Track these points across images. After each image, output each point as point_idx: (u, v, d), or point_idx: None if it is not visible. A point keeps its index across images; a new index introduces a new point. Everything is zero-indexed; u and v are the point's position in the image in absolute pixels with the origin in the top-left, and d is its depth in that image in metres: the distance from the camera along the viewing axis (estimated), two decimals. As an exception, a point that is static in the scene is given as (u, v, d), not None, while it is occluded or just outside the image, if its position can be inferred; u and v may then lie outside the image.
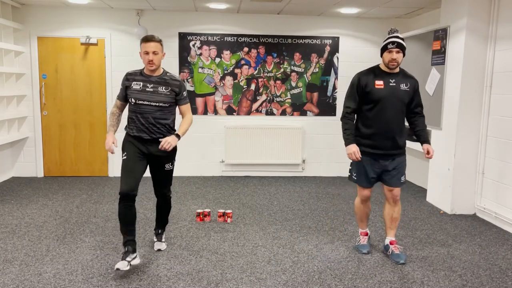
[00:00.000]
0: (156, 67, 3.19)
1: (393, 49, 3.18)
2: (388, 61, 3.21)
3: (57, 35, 5.98)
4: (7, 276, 3.02)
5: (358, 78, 3.32)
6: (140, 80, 3.22)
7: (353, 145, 3.27)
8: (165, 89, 3.22)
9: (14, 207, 4.65)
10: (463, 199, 4.70)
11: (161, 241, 3.59)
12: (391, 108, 3.24)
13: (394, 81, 3.26)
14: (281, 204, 4.95)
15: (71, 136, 6.17)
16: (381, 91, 3.23)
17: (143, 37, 3.18)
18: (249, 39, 6.21)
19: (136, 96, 3.19)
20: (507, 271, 3.26)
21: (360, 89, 3.29)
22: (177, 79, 3.31)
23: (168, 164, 3.36)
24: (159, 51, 3.18)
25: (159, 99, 3.19)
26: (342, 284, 2.99)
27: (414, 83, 3.33)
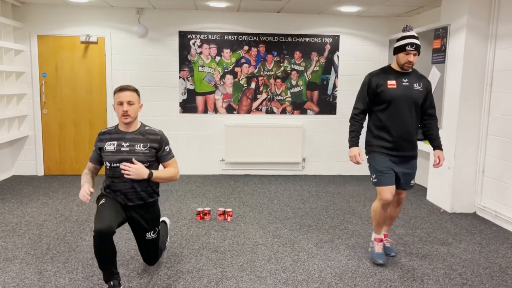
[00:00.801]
0: (131, 119, 2.81)
1: (411, 51, 3.07)
2: (404, 63, 3.12)
3: (57, 34, 5.98)
4: (7, 274, 3.03)
5: (369, 78, 3.24)
6: (115, 139, 2.84)
7: (356, 148, 3.23)
8: (143, 146, 2.83)
9: (14, 206, 4.65)
10: (463, 198, 4.70)
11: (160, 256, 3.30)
12: (405, 107, 3.15)
13: (407, 80, 3.18)
14: (281, 203, 4.96)
15: (71, 134, 6.17)
16: (394, 90, 3.14)
17: (116, 87, 2.83)
18: (249, 38, 6.21)
19: (110, 158, 2.80)
20: (507, 270, 3.26)
21: (371, 90, 3.20)
22: (157, 133, 2.92)
23: (150, 233, 2.97)
24: (135, 101, 2.81)
25: (136, 159, 2.78)
26: (342, 282, 3.00)
27: (427, 84, 3.27)
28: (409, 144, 3.21)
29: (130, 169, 2.72)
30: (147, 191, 2.91)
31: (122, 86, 2.83)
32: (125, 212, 2.88)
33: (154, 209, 3.01)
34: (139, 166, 2.76)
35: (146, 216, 2.95)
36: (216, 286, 2.90)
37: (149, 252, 3.07)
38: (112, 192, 2.87)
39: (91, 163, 2.95)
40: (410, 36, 3.10)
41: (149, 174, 2.79)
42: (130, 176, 2.73)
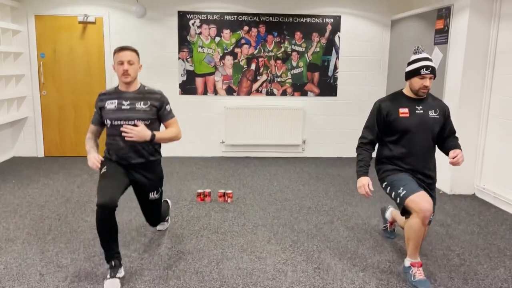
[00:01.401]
0: (131, 79, 2.82)
1: (427, 75, 2.72)
2: (419, 88, 2.76)
3: (54, 14, 5.90)
4: (9, 254, 3.06)
5: (378, 105, 2.87)
6: (115, 98, 2.85)
7: (365, 178, 2.81)
8: (143, 104, 2.85)
9: (15, 187, 4.67)
10: (462, 180, 4.71)
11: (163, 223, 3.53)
12: (419, 139, 2.79)
13: (421, 107, 2.82)
14: (281, 185, 4.97)
15: (70, 116, 6.15)
16: (407, 120, 2.78)
17: (116, 48, 2.84)
18: (250, 18, 6.13)
19: (111, 116, 2.82)
20: (505, 251, 3.29)
21: (382, 118, 2.84)
22: (157, 92, 2.94)
23: (152, 193, 3.01)
24: (135, 60, 2.82)
25: (137, 116, 2.81)
26: (341, 263, 3.03)
27: (444, 108, 2.90)
28: (426, 178, 2.87)
29: (132, 131, 2.70)
30: (148, 150, 2.92)
31: (122, 46, 2.84)
32: (128, 175, 2.89)
33: (156, 169, 3.03)
34: (141, 128, 2.75)
35: (149, 176, 2.97)
36: (216, 267, 2.94)
37: (152, 212, 3.10)
38: (114, 153, 2.87)
39: (93, 125, 2.97)
40: (424, 58, 2.76)
41: (151, 135, 2.78)
42: (132, 138, 2.72)
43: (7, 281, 2.69)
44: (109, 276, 2.68)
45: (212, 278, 2.78)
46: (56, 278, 2.74)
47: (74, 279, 2.73)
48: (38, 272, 2.82)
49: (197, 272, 2.86)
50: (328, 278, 2.81)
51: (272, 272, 2.87)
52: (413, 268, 2.76)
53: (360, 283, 2.76)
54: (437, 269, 2.96)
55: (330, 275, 2.85)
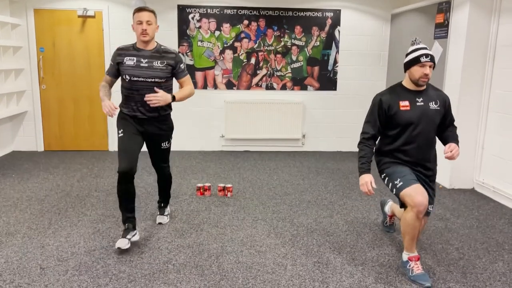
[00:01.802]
0: (149, 38, 3.04)
1: (427, 63, 2.69)
2: (419, 77, 2.73)
3: (53, 7, 5.88)
4: (10, 248, 3.07)
5: (379, 99, 2.83)
6: (134, 55, 3.06)
7: (367, 175, 2.75)
8: (160, 63, 3.07)
9: (15, 181, 4.67)
10: (462, 174, 4.72)
11: (163, 214, 3.62)
12: (421, 131, 2.77)
13: (422, 99, 2.79)
14: (281, 179, 4.98)
15: (70, 110, 6.15)
16: (408, 113, 2.76)
17: (135, 8, 3.04)
18: (249, 12, 6.10)
19: (130, 72, 3.03)
20: (504, 245, 3.30)
21: (383, 112, 2.81)
22: (172, 52, 3.16)
23: (164, 143, 3.30)
24: (153, 21, 3.03)
25: (154, 75, 3.05)
26: (340, 257, 3.04)
27: (445, 100, 2.87)
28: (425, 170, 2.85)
29: (157, 98, 2.95)
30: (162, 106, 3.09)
31: (141, 6, 3.04)
32: (142, 130, 3.13)
33: (168, 121, 3.29)
34: (162, 93, 2.99)
35: (161, 126, 3.22)
36: (216, 260, 2.95)
37: (162, 159, 3.37)
38: (130, 106, 3.09)
39: (108, 76, 3.17)
40: (422, 47, 2.75)
41: (172, 97, 3.05)
42: (158, 104, 2.97)
43: (8, 275, 2.71)
44: (122, 236, 3.04)
45: (212, 272, 2.79)
46: (57, 272, 2.75)
47: (75, 273, 2.75)
48: (39, 265, 2.83)
49: (197, 266, 2.87)
50: (327, 272, 2.82)
51: (271, 266, 2.89)
52: (411, 262, 2.78)
53: (359, 276, 2.77)
54: (436, 263, 2.97)
55: (329, 269, 2.86)
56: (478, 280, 2.76)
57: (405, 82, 2.87)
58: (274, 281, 2.70)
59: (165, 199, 3.63)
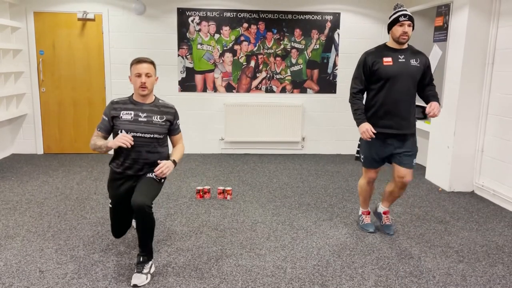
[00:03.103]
0: (148, 92, 2.84)
1: (405, 22, 3.04)
2: (399, 35, 3.07)
3: (53, 10, 5.89)
4: (9, 251, 3.06)
5: (364, 57, 3.20)
6: (131, 109, 2.84)
7: (365, 123, 3.16)
8: (159, 118, 2.87)
9: (14, 184, 4.67)
10: (461, 177, 4.72)
11: (140, 272, 2.70)
12: (402, 84, 3.11)
13: (404, 57, 3.13)
14: (281, 182, 4.98)
15: (70, 113, 6.15)
16: (390, 67, 3.11)
17: (134, 59, 2.82)
18: (249, 15, 6.12)
19: (128, 127, 2.79)
20: (504, 247, 3.30)
21: (367, 68, 3.17)
22: (171, 107, 2.97)
23: (152, 174, 2.86)
24: (152, 73, 2.83)
25: (154, 130, 2.84)
26: (340, 260, 3.03)
27: (425, 59, 3.21)
28: (406, 123, 3.18)
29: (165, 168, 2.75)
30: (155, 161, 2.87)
31: (140, 58, 2.83)
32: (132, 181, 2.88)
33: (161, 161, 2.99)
34: (166, 162, 2.78)
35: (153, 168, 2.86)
36: (216, 263, 2.94)
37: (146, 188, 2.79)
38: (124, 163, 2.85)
39: (100, 132, 2.87)
40: (402, 10, 3.10)
41: (174, 162, 2.87)
42: (168, 173, 2.78)
43: (7, 278, 2.70)
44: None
45: (211, 275, 2.79)
46: (56, 275, 2.75)
47: (74, 276, 2.74)
48: (38, 269, 2.83)
49: (196, 269, 2.87)
50: (327, 275, 2.82)
51: (271, 269, 2.88)
52: (363, 215, 3.61)
53: (359, 279, 2.77)
54: (435, 266, 2.97)
55: (329, 272, 2.86)
56: (478, 283, 2.76)
57: (389, 42, 3.22)
58: (273, 284, 2.70)
59: (145, 251, 2.76)
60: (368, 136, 3.12)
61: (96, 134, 2.88)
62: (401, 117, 3.16)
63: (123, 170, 2.88)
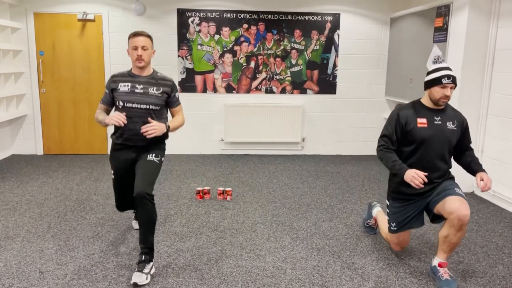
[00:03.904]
0: (145, 64, 2.91)
1: (448, 85, 2.69)
2: (439, 98, 2.72)
3: (53, 11, 5.89)
4: (9, 252, 3.06)
5: (397, 114, 2.83)
6: (128, 81, 2.93)
7: (409, 170, 2.68)
8: (156, 90, 2.94)
9: (14, 185, 4.67)
10: (461, 177, 4.70)
11: (141, 271, 2.69)
12: (436, 150, 2.78)
13: (440, 118, 2.80)
14: (280, 182, 4.98)
15: (70, 114, 6.15)
16: (425, 130, 2.76)
17: (131, 33, 2.91)
18: (249, 16, 6.12)
19: (124, 98, 2.89)
20: (504, 248, 3.30)
21: (400, 126, 2.80)
22: (169, 79, 3.04)
23: (151, 155, 2.94)
24: (148, 46, 2.90)
25: (149, 101, 2.91)
26: (340, 260, 3.03)
27: (463, 120, 2.87)
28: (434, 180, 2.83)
29: (152, 128, 2.79)
30: None
31: (137, 31, 2.92)
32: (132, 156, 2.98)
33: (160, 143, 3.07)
34: (157, 123, 2.85)
35: (152, 146, 2.99)
36: (215, 264, 2.94)
37: (147, 173, 2.85)
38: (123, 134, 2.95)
39: (103, 104, 3.03)
40: (445, 67, 2.74)
41: (167, 127, 2.93)
42: (154, 134, 2.80)
43: (7, 279, 2.70)
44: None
45: (211, 276, 2.79)
46: (56, 276, 2.75)
47: (74, 277, 2.74)
48: (38, 269, 2.83)
49: (196, 269, 2.87)
50: (327, 276, 2.82)
51: (271, 270, 2.88)
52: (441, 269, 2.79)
53: (359, 280, 2.77)
54: (435, 267, 2.96)
55: (329, 273, 2.86)
56: (478, 284, 2.75)
57: (424, 99, 2.87)
58: (273, 285, 2.69)
59: (146, 248, 2.77)
60: (420, 180, 2.61)
61: (99, 108, 3.05)
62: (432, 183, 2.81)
63: (122, 141, 2.98)
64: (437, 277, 2.74)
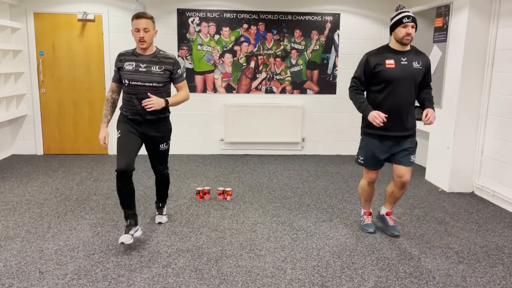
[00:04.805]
0: (147, 45, 3.14)
1: (409, 23, 3.01)
2: (403, 36, 3.03)
3: (53, 11, 5.89)
4: (9, 252, 3.06)
5: (366, 58, 3.16)
6: (133, 60, 3.15)
7: (372, 111, 3.06)
8: (158, 68, 3.16)
9: (14, 185, 4.67)
10: (461, 177, 4.72)
11: (162, 214, 3.70)
12: (403, 87, 3.08)
13: (406, 59, 3.10)
14: (280, 182, 4.98)
15: (70, 114, 6.15)
16: (393, 70, 3.07)
17: (134, 14, 3.09)
18: (249, 16, 6.12)
19: (129, 77, 3.12)
20: (504, 248, 3.30)
21: (369, 70, 3.13)
22: (171, 57, 3.24)
23: (162, 144, 3.36)
24: (150, 28, 3.11)
25: (152, 79, 3.13)
26: (340, 260, 3.03)
27: (426, 60, 3.19)
28: (405, 124, 3.16)
29: (150, 102, 3.02)
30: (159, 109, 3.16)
31: (139, 13, 3.10)
32: (141, 132, 3.21)
33: (166, 123, 3.35)
34: (155, 98, 3.06)
35: (160, 128, 3.28)
36: (215, 264, 2.94)
37: (161, 161, 3.43)
38: (129, 110, 3.17)
39: (114, 82, 3.25)
40: (405, 11, 3.07)
41: (165, 102, 3.12)
42: (153, 108, 3.03)
43: (7, 279, 2.70)
44: (124, 232, 3.08)
45: (211, 276, 2.79)
46: (56, 276, 2.75)
47: (74, 277, 2.74)
48: (38, 269, 2.83)
49: (196, 269, 2.87)
50: (327, 276, 2.82)
51: (271, 270, 2.88)
52: (364, 216, 3.60)
53: (359, 280, 2.77)
54: (435, 267, 2.97)
55: (329, 273, 2.86)
56: (478, 284, 2.75)
57: (392, 43, 3.17)
58: (273, 284, 2.69)
59: (163, 199, 3.70)
60: (380, 120, 3.01)
61: (110, 88, 3.27)
62: (401, 119, 3.14)
63: (131, 115, 3.18)
64: (385, 223, 3.53)
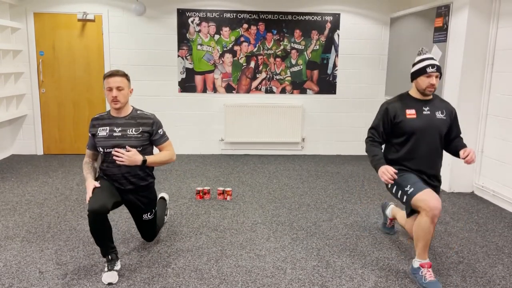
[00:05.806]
0: (121, 105, 2.82)
1: (433, 73, 2.75)
2: (426, 87, 2.78)
3: (53, 11, 5.89)
4: (9, 252, 3.06)
5: (386, 108, 2.88)
6: (107, 124, 2.85)
7: (382, 166, 2.75)
8: (135, 131, 2.84)
9: (14, 185, 4.67)
10: (461, 178, 4.72)
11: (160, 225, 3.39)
12: (427, 140, 2.81)
13: (429, 108, 2.84)
14: (280, 182, 4.98)
15: (70, 114, 6.15)
16: (414, 121, 2.80)
17: (105, 73, 2.82)
18: (249, 16, 6.12)
19: (103, 144, 2.82)
20: (504, 248, 3.30)
21: (389, 120, 2.86)
22: (149, 116, 2.92)
23: (146, 214, 3.03)
24: (124, 86, 2.79)
25: (128, 144, 2.80)
26: (340, 260, 3.03)
27: (451, 110, 2.91)
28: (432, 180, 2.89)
29: (123, 156, 2.73)
30: (138, 176, 2.92)
31: (111, 71, 2.81)
32: (121, 195, 2.93)
33: (148, 192, 3.04)
34: (133, 153, 2.76)
35: (141, 199, 3.00)
36: (215, 264, 2.94)
37: (146, 231, 3.14)
38: (107, 176, 2.91)
39: (89, 149, 2.98)
40: (429, 58, 2.81)
41: (142, 161, 2.81)
42: (123, 162, 2.75)
43: (7, 279, 2.70)
44: (107, 269, 2.70)
45: (211, 276, 2.79)
46: (56, 276, 2.75)
47: (74, 277, 2.74)
48: (38, 269, 2.83)
49: (196, 269, 2.87)
50: (327, 276, 2.82)
51: (271, 270, 2.88)
52: (423, 269, 2.70)
53: (359, 280, 2.77)
54: (435, 267, 2.97)
55: (329, 273, 2.86)
56: (478, 284, 2.75)
57: (412, 91, 2.92)
58: (273, 284, 2.69)
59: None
60: (389, 176, 2.67)
61: (87, 154, 3.00)
62: (425, 173, 2.86)
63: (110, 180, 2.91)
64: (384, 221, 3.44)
